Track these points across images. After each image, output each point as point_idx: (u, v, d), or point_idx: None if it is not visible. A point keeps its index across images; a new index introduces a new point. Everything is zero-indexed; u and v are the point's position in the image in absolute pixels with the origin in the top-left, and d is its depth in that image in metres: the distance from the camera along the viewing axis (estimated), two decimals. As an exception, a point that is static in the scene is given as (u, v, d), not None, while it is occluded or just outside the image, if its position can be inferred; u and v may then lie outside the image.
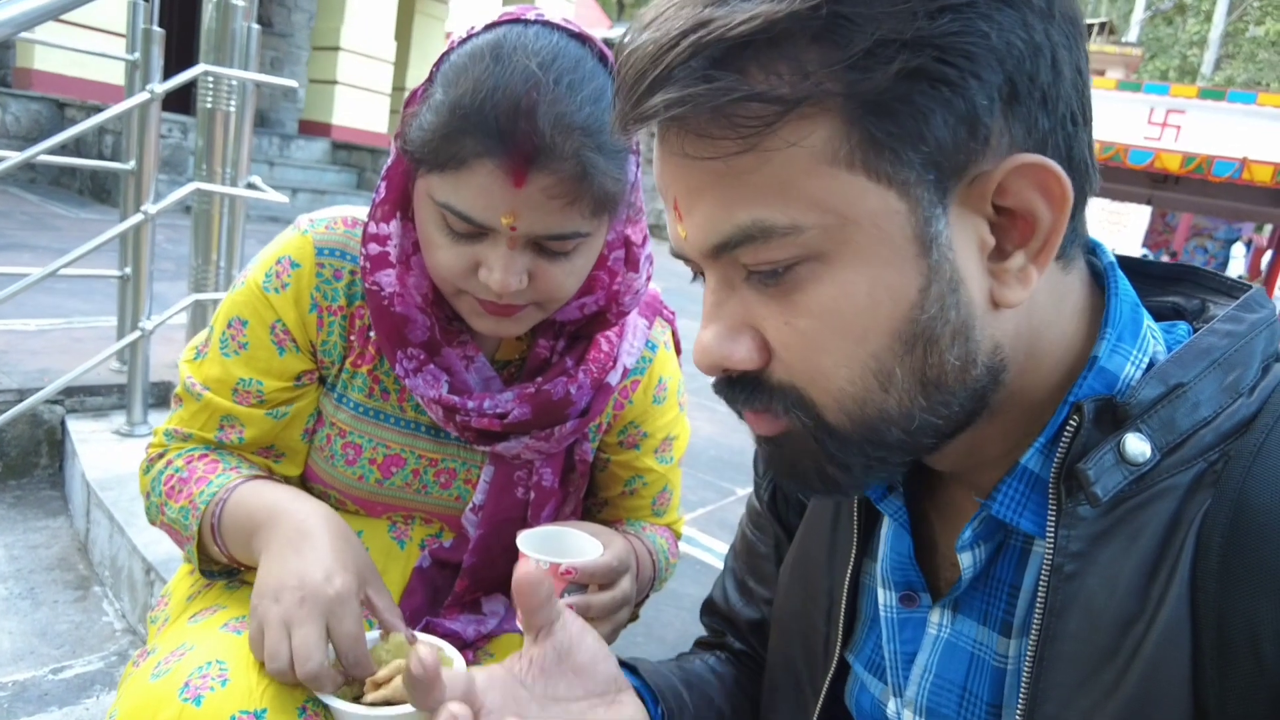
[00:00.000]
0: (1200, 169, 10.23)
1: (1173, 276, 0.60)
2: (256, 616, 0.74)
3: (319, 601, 0.72)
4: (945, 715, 0.58)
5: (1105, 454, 0.47)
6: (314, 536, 0.77)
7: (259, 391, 0.89)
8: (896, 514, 0.60)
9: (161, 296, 2.59)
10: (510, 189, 0.73)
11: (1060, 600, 0.49)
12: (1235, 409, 0.48)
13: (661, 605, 1.73)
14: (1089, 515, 0.48)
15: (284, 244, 0.90)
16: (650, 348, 1.00)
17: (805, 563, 0.71)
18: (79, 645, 1.75)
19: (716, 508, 2.50)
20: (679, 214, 0.50)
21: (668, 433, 1.04)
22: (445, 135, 0.73)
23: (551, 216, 0.76)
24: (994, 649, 0.55)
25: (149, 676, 0.74)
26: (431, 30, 10.94)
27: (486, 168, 0.73)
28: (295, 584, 0.73)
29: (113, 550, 1.96)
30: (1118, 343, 0.51)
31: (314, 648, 0.70)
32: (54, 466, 2.47)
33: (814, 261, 0.46)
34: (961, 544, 0.54)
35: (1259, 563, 0.44)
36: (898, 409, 0.48)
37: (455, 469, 0.95)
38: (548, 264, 0.80)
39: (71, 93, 7.46)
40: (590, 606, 0.81)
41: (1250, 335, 0.50)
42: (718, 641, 0.86)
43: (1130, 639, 0.47)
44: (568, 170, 0.73)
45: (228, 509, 0.83)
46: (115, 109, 2.17)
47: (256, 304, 0.89)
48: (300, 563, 0.74)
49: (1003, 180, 0.46)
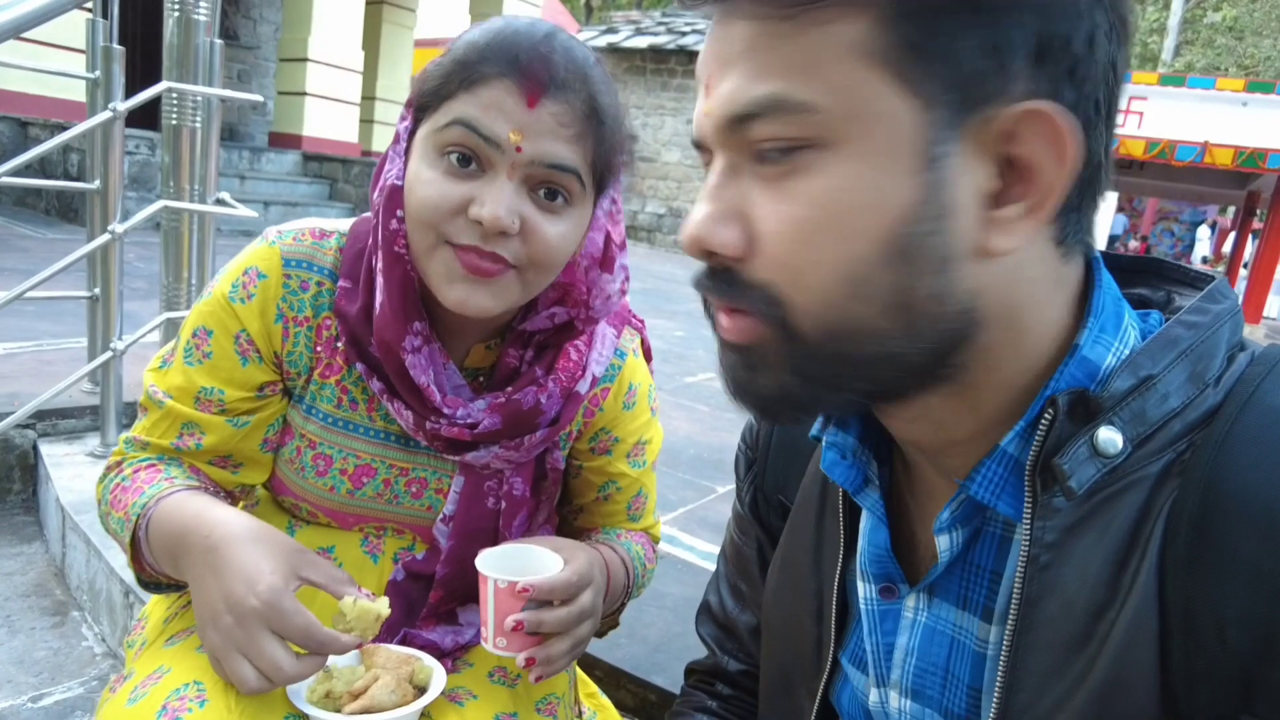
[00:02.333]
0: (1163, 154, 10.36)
1: (1139, 268, 0.61)
2: (208, 649, 0.74)
3: (252, 616, 0.71)
4: (930, 697, 0.59)
5: (1079, 447, 0.48)
6: (222, 550, 0.75)
7: (220, 400, 0.89)
8: (874, 507, 0.61)
9: (134, 315, 2.57)
10: (523, 107, 0.77)
11: (1035, 590, 0.50)
12: (1202, 399, 0.49)
13: (644, 606, 1.74)
14: (1063, 507, 0.49)
15: (251, 255, 0.90)
16: (619, 355, 1.01)
17: (791, 565, 0.71)
18: (58, 671, 1.73)
19: (696, 506, 2.52)
20: (708, 90, 0.51)
21: (639, 437, 1.05)
22: (465, 63, 0.79)
23: (556, 144, 0.79)
24: (975, 634, 0.56)
25: (125, 701, 0.75)
26: (400, 39, 10.88)
27: (505, 84, 0.77)
28: (224, 607, 0.72)
29: (90, 574, 1.94)
30: (1100, 333, 0.51)
31: (275, 659, 0.70)
32: (27, 491, 2.44)
33: (819, 149, 0.47)
34: (939, 526, 0.55)
35: (1225, 549, 0.45)
36: (867, 324, 0.48)
37: (426, 478, 0.95)
38: (538, 215, 0.80)
39: (34, 111, 7.35)
40: (543, 623, 0.81)
41: (1215, 326, 0.51)
42: (710, 666, 0.86)
43: (1102, 626, 0.48)
44: (577, 105, 0.79)
45: (152, 524, 0.83)
46: (78, 128, 2.15)
47: (222, 314, 0.89)
48: (219, 583, 0.73)
49: (1015, 126, 0.46)
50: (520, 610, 0.80)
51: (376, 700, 0.76)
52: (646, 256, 11.14)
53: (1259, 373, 0.50)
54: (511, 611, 0.80)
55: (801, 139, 0.47)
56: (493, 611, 0.81)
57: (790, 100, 0.46)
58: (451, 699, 0.87)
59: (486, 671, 0.93)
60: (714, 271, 0.52)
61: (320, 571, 0.77)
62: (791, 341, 0.50)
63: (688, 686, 0.89)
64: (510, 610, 0.80)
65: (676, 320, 5.89)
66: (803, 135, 0.47)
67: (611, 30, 13.48)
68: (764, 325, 0.50)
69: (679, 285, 7.94)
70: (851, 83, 0.46)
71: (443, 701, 0.85)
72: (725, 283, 0.51)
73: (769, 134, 0.48)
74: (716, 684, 0.86)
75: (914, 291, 0.48)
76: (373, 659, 0.83)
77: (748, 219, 0.50)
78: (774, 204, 0.49)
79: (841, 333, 0.49)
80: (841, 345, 0.49)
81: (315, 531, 0.95)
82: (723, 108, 0.49)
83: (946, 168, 0.46)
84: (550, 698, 0.94)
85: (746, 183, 0.50)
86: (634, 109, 12.50)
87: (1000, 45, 0.45)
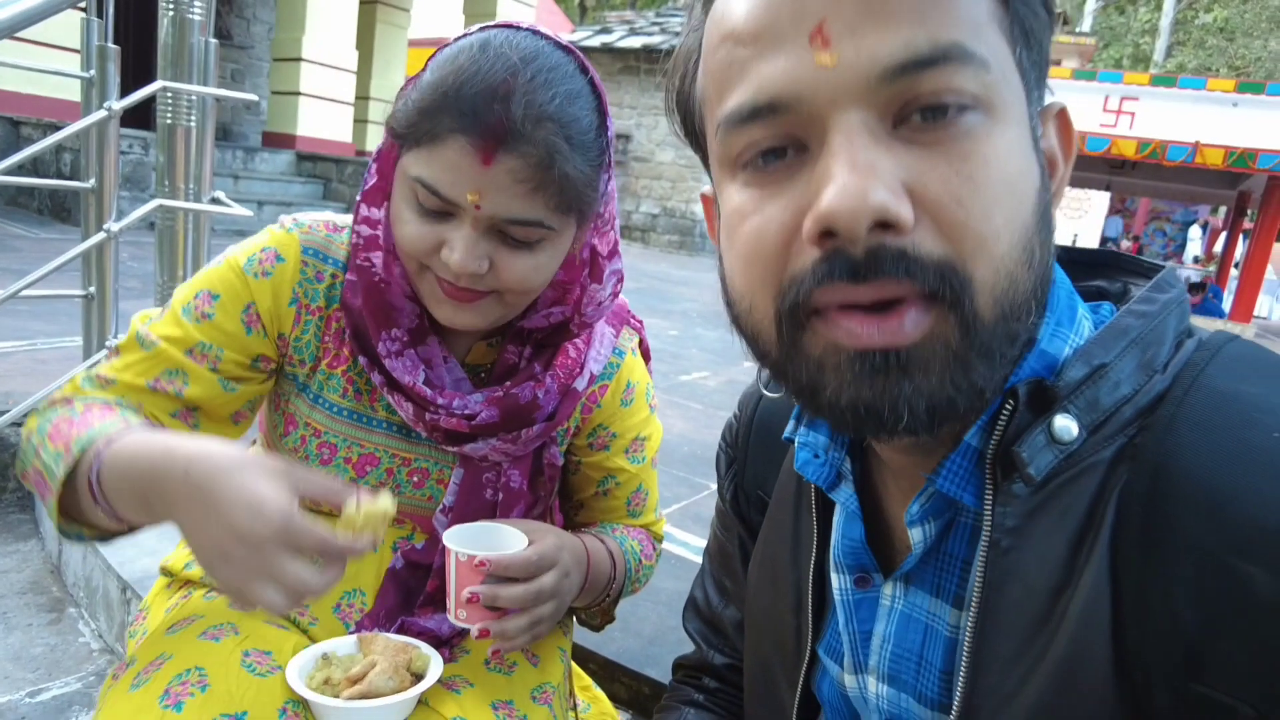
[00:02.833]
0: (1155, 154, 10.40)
1: (1097, 262, 0.63)
2: (226, 590, 0.71)
3: (267, 542, 0.67)
4: (905, 681, 0.61)
5: (1037, 435, 0.49)
6: (210, 484, 0.69)
7: (217, 358, 0.89)
8: (847, 501, 0.62)
9: (128, 315, 2.57)
10: (479, 166, 0.77)
11: (998, 574, 0.51)
12: (1151, 385, 0.51)
13: (638, 601, 1.75)
14: (1023, 493, 0.51)
15: (269, 237, 0.92)
16: (617, 354, 1.03)
17: (771, 560, 0.72)
18: (55, 667, 1.74)
19: (691, 503, 2.53)
20: (824, 39, 0.45)
21: (637, 433, 1.06)
22: (425, 111, 0.78)
23: (516, 200, 0.79)
24: (946, 620, 0.58)
25: (128, 687, 0.76)
26: (393, 39, 10.88)
27: (459, 143, 0.76)
28: (233, 540, 0.67)
29: (87, 570, 1.95)
30: (1057, 327, 0.53)
31: (300, 577, 0.68)
32: (22, 490, 2.45)
33: (984, 112, 0.46)
34: (911, 518, 0.57)
35: (1171, 528, 0.47)
36: (1027, 298, 0.47)
37: (428, 469, 0.96)
38: (509, 253, 0.82)
39: (26, 111, 7.33)
40: (497, 597, 0.83)
41: (1162, 314, 0.53)
42: (697, 661, 0.87)
43: (1060, 606, 0.49)
44: (534, 155, 0.77)
45: (109, 465, 0.75)
46: (72, 127, 2.16)
47: (234, 282, 0.89)
48: (219, 517, 0.68)
49: (1047, 121, 0.52)
50: (479, 584, 0.83)
51: (374, 686, 0.77)
52: (641, 256, 11.16)
53: (1204, 358, 0.51)
54: (469, 584, 0.83)
55: (975, 97, 0.45)
56: (454, 584, 0.84)
57: (975, 54, 0.45)
58: (448, 686, 0.88)
59: (483, 660, 0.95)
60: (874, 253, 0.44)
61: (315, 484, 0.74)
62: (967, 326, 0.46)
63: (675, 681, 0.91)
64: (468, 583, 0.83)
65: (671, 319, 5.91)
66: (978, 94, 0.45)
67: (605, 30, 13.50)
68: (932, 313, 0.45)
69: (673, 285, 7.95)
70: (1000, 51, 0.47)
71: (439, 689, 0.86)
72: (896, 259, 0.44)
73: (947, 85, 0.45)
74: (703, 678, 0.87)
75: (1047, 261, 0.49)
76: (371, 647, 0.84)
77: (910, 188, 0.45)
78: (950, 166, 0.45)
79: (1012, 308, 0.47)
80: (1010, 323, 0.47)
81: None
82: (887, 54, 0.44)
83: (1040, 149, 0.50)
84: (545, 686, 0.96)
85: (895, 147, 0.45)
86: (628, 109, 12.51)
87: (1047, 48, 0.50)
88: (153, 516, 0.75)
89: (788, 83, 0.46)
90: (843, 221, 0.44)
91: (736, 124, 0.49)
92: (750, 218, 0.50)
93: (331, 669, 0.80)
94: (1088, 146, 10.88)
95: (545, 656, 1.00)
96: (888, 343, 0.46)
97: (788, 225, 0.48)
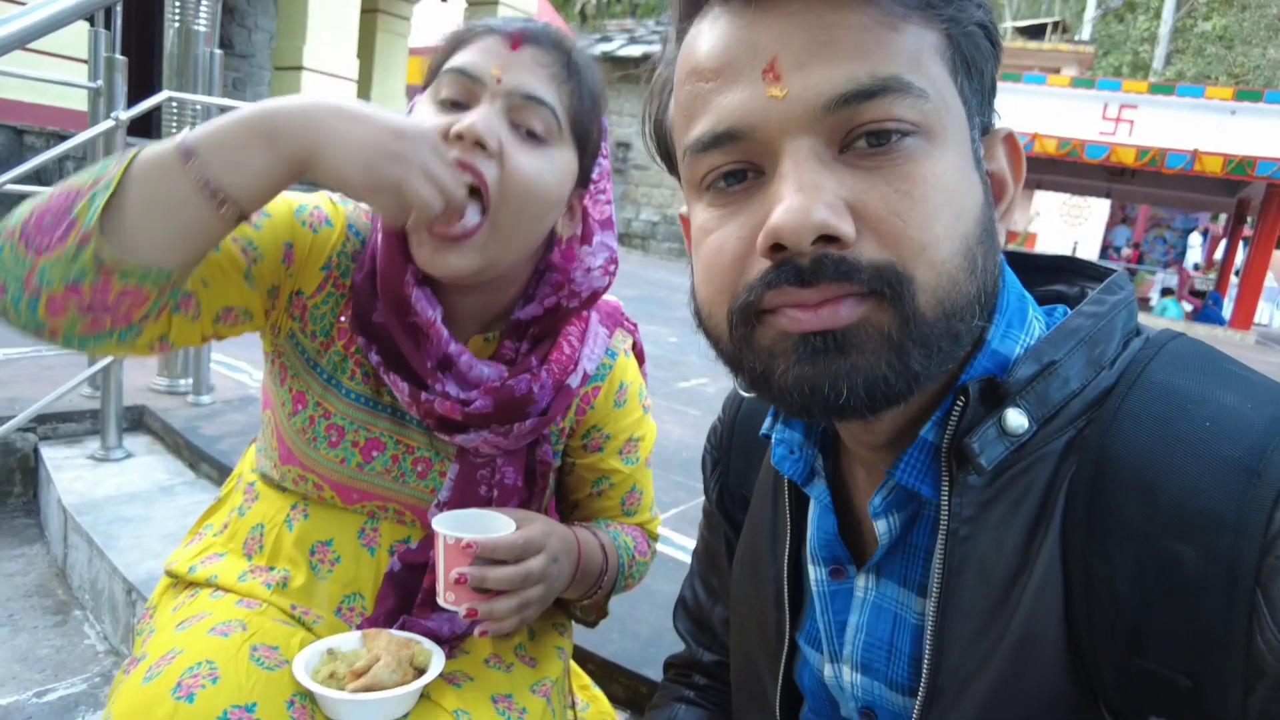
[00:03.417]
0: (1154, 161, 10.49)
1: (1056, 267, 0.67)
2: (381, 188, 0.75)
3: (427, 136, 0.79)
4: (877, 669, 0.63)
5: (988, 428, 0.53)
6: (355, 104, 0.76)
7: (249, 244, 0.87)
8: (820, 495, 0.66)
9: (132, 321, 2.60)
10: (507, 50, 0.87)
11: (956, 561, 0.54)
12: (1099, 380, 0.54)
13: (635, 602, 1.77)
14: (977, 484, 0.54)
15: (325, 201, 0.95)
16: (611, 355, 1.05)
17: (752, 555, 0.75)
18: (61, 669, 1.76)
19: (689, 507, 2.56)
20: (776, 74, 0.50)
21: (631, 434, 1.08)
22: (459, 32, 0.90)
23: (536, 78, 0.87)
24: (913, 609, 0.61)
25: (141, 680, 0.78)
26: (394, 48, 10.93)
27: (491, 37, 0.88)
28: (396, 138, 0.76)
29: (92, 573, 1.97)
30: (1008, 329, 0.57)
31: (449, 179, 0.80)
32: (28, 494, 2.47)
33: (923, 137, 0.50)
34: (875, 511, 0.60)
35: (1113, 514, 0.50)
36: (970, 298, 0.52)
37: (431, 460, 0.98)
38: (518, 145, 0.86)
39: (29, 119, 7.36)
40: (486, 579, 0.85)
41: (1111, 315, 0.56)
42: (687, 659, 0.89)
43: (1016, 590, 0.53)
44: (557, 58, 0.89)
45: (202, 135, 0.72)
46: (81, 137, 2.19)
47: (284, 214, 0.90)
48: (380, 121, 0.76)
49: (994, 144, 0.57)
50: (467, 566, 0.85)
51: (378, 679, 0.80)
52: (641, 263, 11.19)
53: (1148, 354, 0.55)
54: (457, 566, 0.86)
55: (914, 124, 0.50)
56: (442, 566, 0.86)
57: (913, 85, 0.50)
58: (450, 681, 0.90)
59: (483, 658, 0.97)
60: (821, 259, 0.49)
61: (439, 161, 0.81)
62: (907, 319, 0.50)
63: (666, 680, 0.93)
64: (456, 564, 0.86)
65: (671, 326, 5.93)
66: (917, 121, 0.50)
67: (606, 39, 13.56)
68: (873, 304, 0.50)
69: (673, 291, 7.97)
70: (941, 82, 0.52)
71: (441, 683, 0.88)
72: (837, 267, 0.49)
73: (887, 114, 0.49)
74: (693, 675, 0.90)
75: (990, 270, 0.54)
76: (375, 642, 0.86)
77: (852, 205, 0.49)
78: (889, 185, 0.49)
79: (954, 308, 0.51)
80: (952, 321, 0.51)
81: (314, 523, 0.97)
82: (829, 87, 0.49)
83: (983, 169, 0.55)
84: (544, 681, 0.98)
85: (839, 169, 0.50)
86: (628, 117, 12.57)
87: (994, 76, 0.55)
88: (275, 144, 0.72)
89: (744, 113, 0.51)
90: (789, 236, 0.48)
91: (700, 150, 0.54)
92: (712, 234, 0.55)
93: (337, 663, 0.82)
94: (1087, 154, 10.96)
95: (544, 657, 1.02)
96: (825, 325, 0.50)
97: (744, 240, 0.53)
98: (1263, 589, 0.45)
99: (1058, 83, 11.39)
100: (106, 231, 0.69)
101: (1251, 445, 0.47)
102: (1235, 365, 0.55)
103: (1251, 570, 0.45)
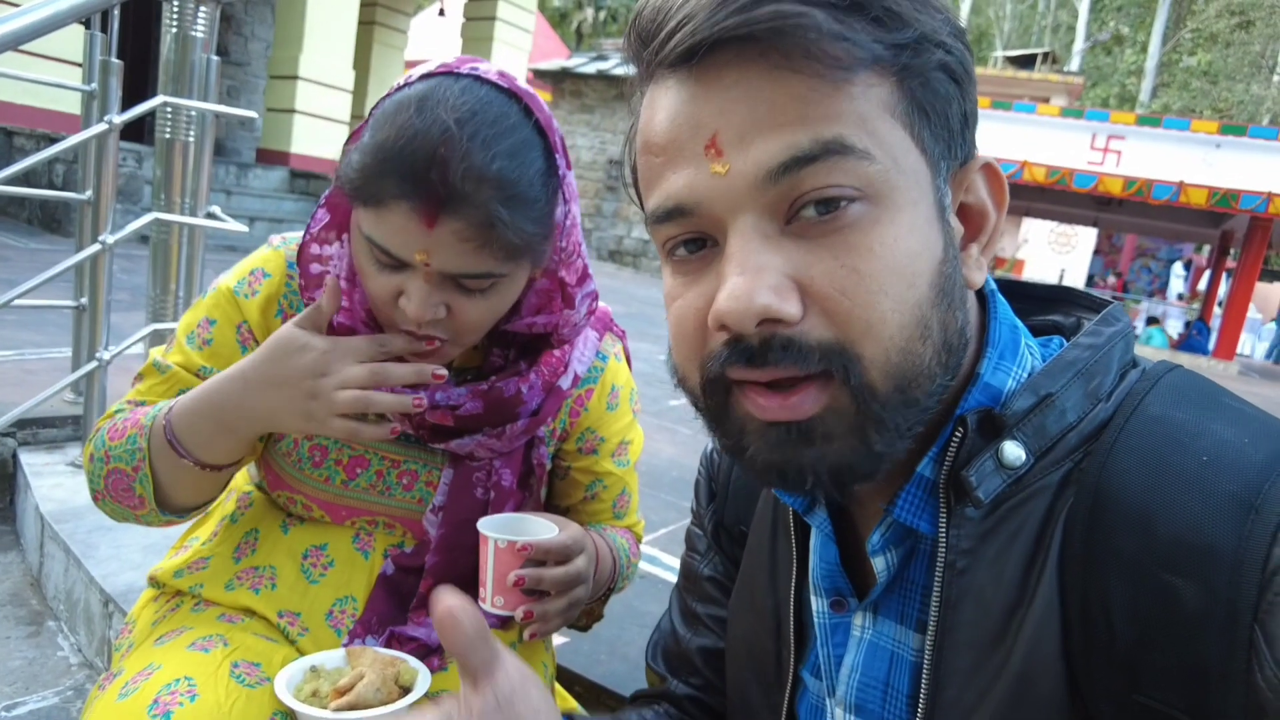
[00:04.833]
0: (1140, 192, 10.64)
1: (1052, 298, 0.66)
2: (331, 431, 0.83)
3: (323, 355, 0.82)
4: (871, 711, 0.62)
5: (986, 460, 0.52)
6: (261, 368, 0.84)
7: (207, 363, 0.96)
8: (822, 525, 0.64)
9: (117, 327, 2.57)
10: (423, 229, 0.78)
11: (954, 594, 0.53)
12: (1096, 413, 0.54)
13: (625, 623, 1.75)
14: (975, 516, 0.53)
15: (259, 258, 0.98)
16: (601, 358, 1.06)
17: (749, 587, 0.74)
18: (33, 681, 1.72)
19: (678, 527, 2.54)
20: (717, 150, 0.49)
21: (622, 437, 1.10)
22: (369, 175, 0.78)
23: (463, 257, 0.80)
24: (910, 645, 0.60)
25: (116, 696, 0.76)
26: (390, 59, 10.97)
27: (403, 208, 0.78)
28: (305, 376, 0.82)
29: (68, 584, 1.93)
30: (999, 360, 0.56)
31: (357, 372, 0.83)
32: (4, 501, 2.43)
33: (869, 202, 0.49)
34: (873, 548, 0.59)
35: (1109, 547, 0.49)
36: (926, 365, 0.50)
37: (417, 471, 0.98)
38: (465, 299, 0.84)
39: (19, 121, 7.33)
40: (543, 579, 0.86)
41: (1108, 347, 0.56)
42: (658, 691, 0.86)
43: (1014, 624, 0.52)
44: (476, 218, 0.78)
45: (177, 420, 0.87)
46: (73, 139, 2.17)
47: (226, 306, 0.96)
48: (286, 376, 0.82)
49: (972, 177, 0.55)
50: (520, 568, 0.86)
51: (362, 697, 0.77)
52: (632, 281, 11.22)
53: (1144, 387, 0.54)
54: (512, 568, 0.86)
55: (858, 189, 0.48)
56: (492, 570, 0.87)
57: (855, 146, 0.48)
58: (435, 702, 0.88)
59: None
60: (768, 341, 0.49)
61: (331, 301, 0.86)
62: (861, 400, 0.49)
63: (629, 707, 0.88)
64: (510, 567, 0.86)
65: (661, 344, 5.93)
66: (861, 185, 0.48)
67: (601, 57, 13.65)
68: (829, 390, 0.50)
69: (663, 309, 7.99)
70: (891, 139, 0.50)
71: (425, 701, 0.86)
72: (785, 349, 0.49)
73: (827, 181, 0.48)
74: (661, 703, 0.85)
75: (951, 327, 0.52)
76: (359, 659, 0.84)
77: (799, 281, 0.49)
78: (835, 261, 0.48)
79: (908, 378, 0.50)
80: (908, 392, 0.50)
81: (308, 530, 0.97)
82: (768, 158, 0.48)
83: (949, 217, 0.54)
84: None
85: (784, 244, 0.49)
86: (622, 134, 12.62)
87: (966, 110, 0.53)
88: (232, 432, 0.86)
89: (689, 191, 0.51)
90: (732, 321, 0.49)
91: (655, 222, 0.54)
92: (676, 301, 0.55)
93: (320, 681, 0.80)
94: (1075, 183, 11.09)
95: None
96: (790, 417, 0.51)
97: (703, 310, 0.53)
98: (1261, 626, 0.44)
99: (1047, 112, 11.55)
100: (160, 502, 0.91)
101: (1249, 481, 0.47)
102: (1232, 399, 0.54)
103: (1250, 606, 0.45)
